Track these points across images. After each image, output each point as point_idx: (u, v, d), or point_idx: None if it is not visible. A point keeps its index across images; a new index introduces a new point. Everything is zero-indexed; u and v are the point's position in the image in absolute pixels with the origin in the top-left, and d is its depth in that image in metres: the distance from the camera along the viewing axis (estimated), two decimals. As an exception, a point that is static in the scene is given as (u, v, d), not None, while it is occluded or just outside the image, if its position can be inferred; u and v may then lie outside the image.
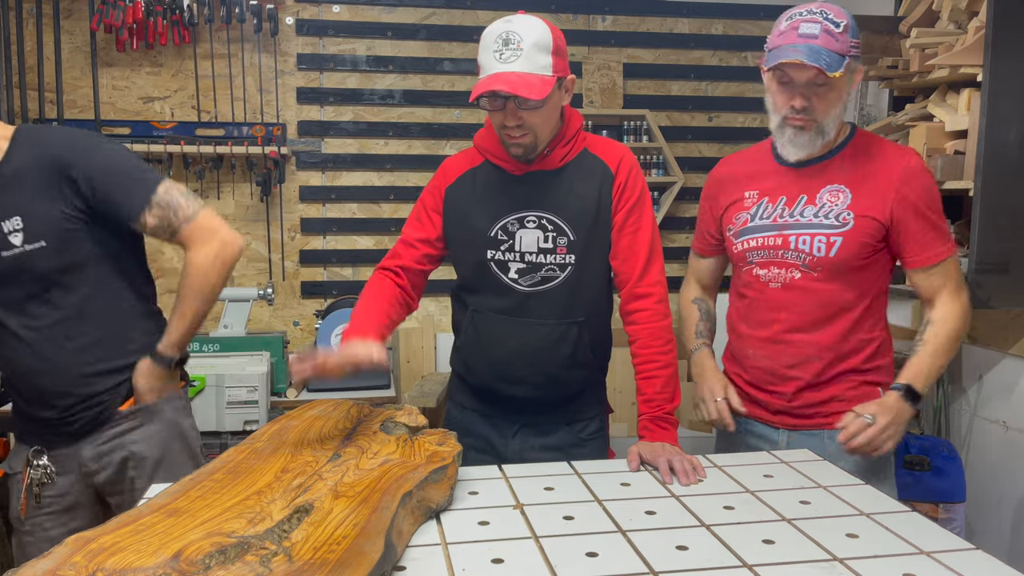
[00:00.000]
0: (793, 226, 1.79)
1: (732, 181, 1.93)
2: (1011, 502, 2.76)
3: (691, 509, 1.41)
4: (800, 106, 1.70)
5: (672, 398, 1.74)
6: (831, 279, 1.77)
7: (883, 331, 1.85)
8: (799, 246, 1.78)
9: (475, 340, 1.84)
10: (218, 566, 1.02)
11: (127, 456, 1.80)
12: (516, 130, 1.67)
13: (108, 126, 3.45)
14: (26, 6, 3.32)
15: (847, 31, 1.67)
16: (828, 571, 1.18)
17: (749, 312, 1.89)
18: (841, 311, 1.79)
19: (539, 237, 1.75)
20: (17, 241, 1.67)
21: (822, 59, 1.63)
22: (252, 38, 3.54)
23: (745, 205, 1.88)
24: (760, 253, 1.84)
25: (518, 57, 1.61)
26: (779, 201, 1.83)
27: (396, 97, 3.70)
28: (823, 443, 1.80)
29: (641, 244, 1.78)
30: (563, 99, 1.73)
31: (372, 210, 3.74)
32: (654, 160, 3.79)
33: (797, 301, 1.80)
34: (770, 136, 1.85)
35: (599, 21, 3.83)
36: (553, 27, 1.68)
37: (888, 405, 1.69)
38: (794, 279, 1.80)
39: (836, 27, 1.66)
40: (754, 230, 1.85)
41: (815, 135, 1.74)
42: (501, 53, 1.62)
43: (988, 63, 2.35)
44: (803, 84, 1.69)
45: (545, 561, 1.20)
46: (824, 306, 1.79)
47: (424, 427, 1.64)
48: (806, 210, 1.78)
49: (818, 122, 1.72)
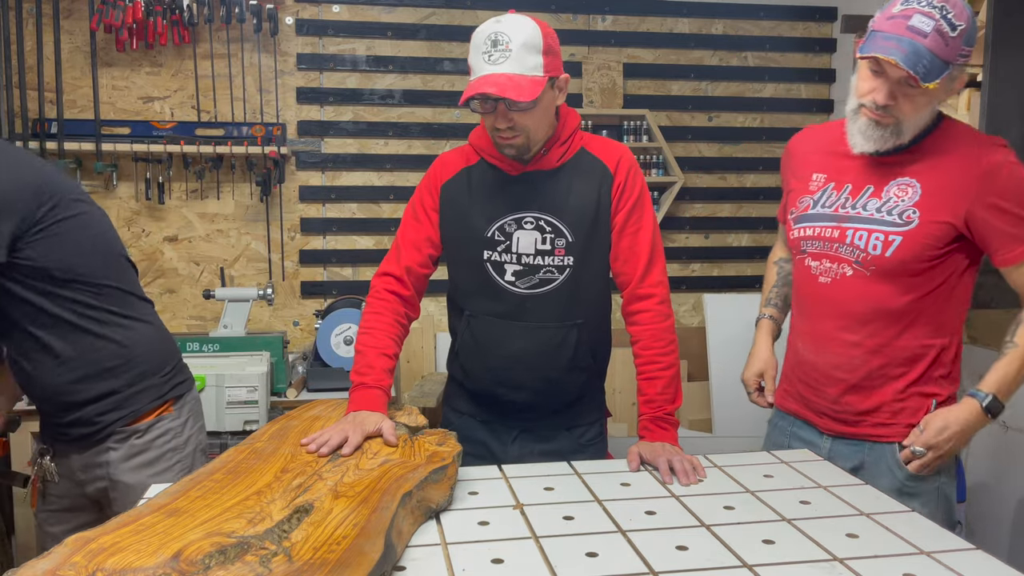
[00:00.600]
0: (853, 219, 1.67)
1: (803, 159, 1.82)
2: (1011, 502, 2.76)
3: (691, 509, 1.41)
4: (883, 103, 1.56)
5: (673, 399, 1.74)
6: (885, 280, 1.65)
7: (948, 338, 1.70)
8: (855, 241, 1.66)
9: (472, 345, 1.83)
10: (218, 566, 1.01)
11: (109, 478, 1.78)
12: (508, 132, 1.66)
13: (108, 126, 3.45)
14: (26, 6, 3.32)
15: (962, 36, 1.50)
16: (828, 571, 1.18)
17: (800, 305, 1.83)
18: (894, 314, 1.66)
19: (537, 239, 1.74)
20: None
21: (921, 65, 1.48)
22: (252, 38, 3.54)
23: (811, 188, 1.77)
24: (815, 244, 1.73)
25: (507, 58, 1.59)
26: (844, 189, 1.71)
27: (396, 97, 3.70)
28: (864, 455, 1.73)
29: (642, 245, 1.77)
30: (556, 99, 1.71)
31: (372, 210, 3.74)
32: (654, 160, 3.79)
33: (846, 299, 1.69)
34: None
35: (599, 21, 3.83)
36: (544, 25, 1.65)
37: (957, 419, 1.63)
38: (845, 275, 1.69)
39: (952, 30, 1.49)
40: (813, 218, 1.74)
41: (891, 134, 1.61)
42: (490, 54, 1.61)
43: (988, 63, 2.36)
44: (894, 81, 1.54)
45: (545, 561, 1.20)
46: (874, 307, 1.67)
47: (424, 427, 1.64)
48: (870, 203, 1.66)
49: (899, 121, 1.59)
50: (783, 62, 3.94)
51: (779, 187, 1.93)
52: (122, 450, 1.77)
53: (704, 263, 3.97)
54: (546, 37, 1.64)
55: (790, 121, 3.95)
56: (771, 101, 3.95)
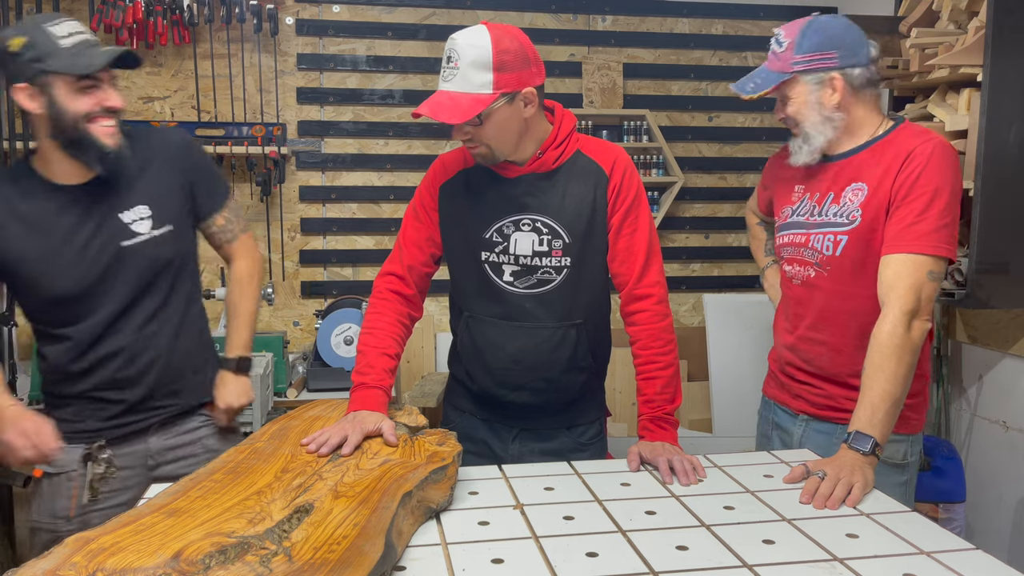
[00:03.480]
0: (816, 225, 1.81)
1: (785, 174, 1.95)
2: (1011, 502, 2.76)
3: (691, 509, 1.41)
4: (779, 117, 1.86)
5: (673, 399, 1.74)
6: (840, 278, 1.77)
7: None
8: (814, 244, 1.81)
9: (472, 346, 1.83)
10: (218, 566, 1.02)
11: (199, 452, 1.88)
12: (469, 143, 1.68)
13: (108, 126, 3.45)
14: (26, 6, 3.32)
15: (792, 48, 1.75)
16: (828, 571, 1.18)
17: (781, 305, 1.96)
18: (854, 311, 1.76)
19: (534, 240, 1.74)
20: (144, 228, 1.77)
21: (749, 84, 1.82)
22: (252, 38, 3.54)
23: (792, 199, 1.91)
24: (789, 250, 1.89)
25: (454, 76, 1.61)
26: (814, 198, 1.84)
27: (396, 97, 3.70)
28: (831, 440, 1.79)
29: (639, 245, 1.77)
30: (522, 112, 1.66)
31: (372, 210, 3.74)
32: (654, 160, 3.79)
33: (811, 299, 1.83)
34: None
35: (599, 21, 3.83)
36: (502, 40, 1.60)
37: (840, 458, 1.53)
38: (809, 277, 1.83)
39: (780, 46, 1.79)
40: (789, 226, 1.89)
41: (802, 141, 1.82)
42: (444, 70, 1.64)
43: (988, 63, 2.35)
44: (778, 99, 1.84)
45: (545, 561, 1.20)
46: (833, 305, 1.78)
47: (424, 427, 1.64)
48: (831, 208, 1.79)
49: (802, 128, 1.80)
50: (783, 62, 3.94)
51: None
52: (207, 421, 1.92)
53: (704, 263, 3.97)
54: (500, 54, 1.58)
55: (790, 121, 3.95)
56: (771, 101, 3.89)
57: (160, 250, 1.79)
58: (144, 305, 1.80)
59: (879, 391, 1.56)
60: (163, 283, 1.82)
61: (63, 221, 1.73)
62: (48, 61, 1.62)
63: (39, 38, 1.62)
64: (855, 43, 1.74)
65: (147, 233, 1.78)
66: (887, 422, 1.56)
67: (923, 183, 1.64)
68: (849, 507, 1.42)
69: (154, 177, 1.80)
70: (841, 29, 1.75)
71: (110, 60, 1.66)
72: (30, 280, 1.74)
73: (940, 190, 1.64)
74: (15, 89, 1.65)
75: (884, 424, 1.55)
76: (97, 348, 1.77)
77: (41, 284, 1.73)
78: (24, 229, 1.72)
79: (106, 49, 1.68)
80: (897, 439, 1.76)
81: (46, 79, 1.63)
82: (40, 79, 1.63)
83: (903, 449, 1.80)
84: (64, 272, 1.73)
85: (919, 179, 1.65)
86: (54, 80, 1.63)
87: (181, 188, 1.84)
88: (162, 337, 1.82)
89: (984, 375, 2.90)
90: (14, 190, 1.73)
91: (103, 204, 1.75)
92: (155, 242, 1.78)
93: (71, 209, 1.73)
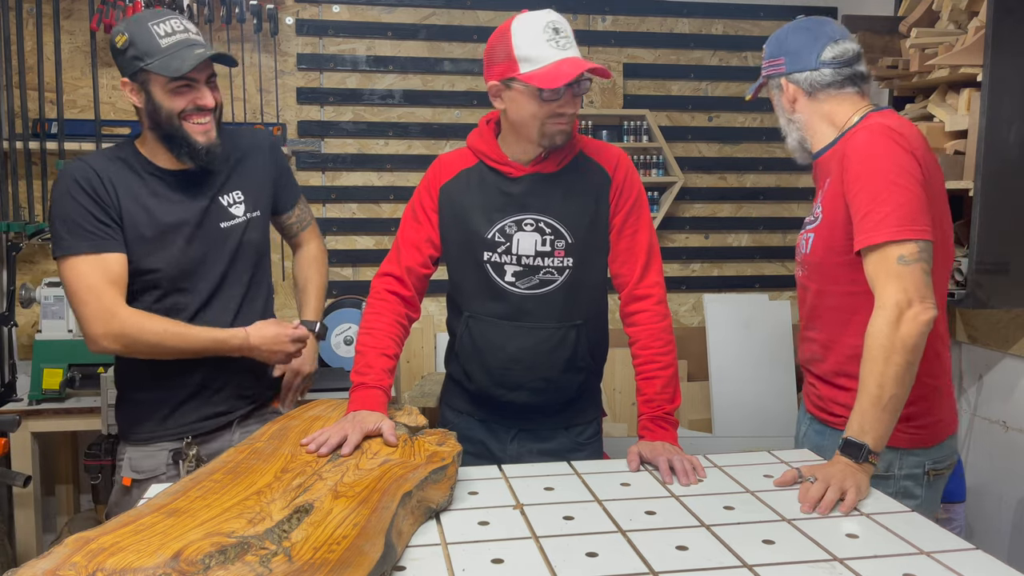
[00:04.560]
0: (805, 224, 1.82)
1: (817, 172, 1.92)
2: (1011, 502, 2.76)
3: (691, 509, 1.41)
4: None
5: (672, 398, 1.74)
6: (817, 276, 1.76)
7: None
8: (799, 244, 1.82)
9: (471, 345, 1.83)
10: (218, 566, 1.02)
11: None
12: (569, 117, 1.68)
13: (108, 126, 3.45)
14: (26, 6, 3.31)
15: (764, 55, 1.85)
16: (828, 571, 1.18)
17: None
18: (835, 307, 1.73)
19: (537, 240, 1.75)
20: (239, 212, 1.89)
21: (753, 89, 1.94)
22: (252, 38, 3.53)
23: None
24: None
25: (572, 45, 1.64)
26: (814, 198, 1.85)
27: (396, 97, 3.69)
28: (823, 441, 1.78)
29: (640, 246, 1.78)
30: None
31: (372, 210, 3.74)
32: (654, 160, 3.79)
33: (804, 298, 1.83)
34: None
35: (599, 21, 3.83)
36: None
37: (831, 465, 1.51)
38: (800, 276, 1.84)
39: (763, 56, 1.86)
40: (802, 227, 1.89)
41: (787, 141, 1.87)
42: (556, 41, 1.63)
43: (988, 63, 2.35)
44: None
45: (545, 561, 1.20)
46: (818, 303, 1.77)
47: (424, 427, 1.64)
48: (816, 207, 1.77)
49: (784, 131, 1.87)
50: (783, 62, 3.94)
51: (779, 187, 1.97)
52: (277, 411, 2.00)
53: (704, 263, 3.96)
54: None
55: (790, 121, 3.95)
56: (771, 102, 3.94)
57: (250, 234, 1.91)
58: (232, 292, 1.88)
59: (866, 395, 1.49)
60: (248, 268, 1.92)
61: (170, 200, 1.81)
62: (146, 60, 1.70)
63: (140, 36, 1.70)
64: (800, 48, 1.75)
65: (242, 216, 1.89)
66: (879, 428, 1.48)
67: (859, 172, 1.58)
68: (843, 512, 1.39)
69: (247, 168, 1.93)
70: (787, 35, 1.79)
71: (200, 62, 1.72)
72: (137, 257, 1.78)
73: (876, 174, 1.56)
74: (121, 83, 1.76)
75: (876, 430, 1.48)
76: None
77: (146, 262, 1.79)
78: (137, 207, 1.78)
79: (200, 51, 1.72)
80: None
81: (145, 76, 1.71)
82: (140, 76, 1.72)
83: (885, 459, 1.66)
84: (169, 250, 1.80)
85: (856, 170, 1.59)
86: (151, 78, 1.71)
87: (268, 182, 1.97)
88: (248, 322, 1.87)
89: (984, 375, 2.89)
90: (126, 171, 1.80)
91: (204, 186, 1.85)
92: (248, 225, 1.90)
93: (177, 190, 1.82)
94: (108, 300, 1.72)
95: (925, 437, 1.71)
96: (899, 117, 1.70)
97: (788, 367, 3.63)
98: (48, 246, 3.33)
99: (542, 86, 1.61)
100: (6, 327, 2.79)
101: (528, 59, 1.62)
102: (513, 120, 1.71)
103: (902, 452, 1.70)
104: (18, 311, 2.96)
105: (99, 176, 1.75)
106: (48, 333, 2.85)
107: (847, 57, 1.73)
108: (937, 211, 1.64)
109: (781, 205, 3.97)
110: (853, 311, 1.67)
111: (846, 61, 1.73)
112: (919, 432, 1.70)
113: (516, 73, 1.63)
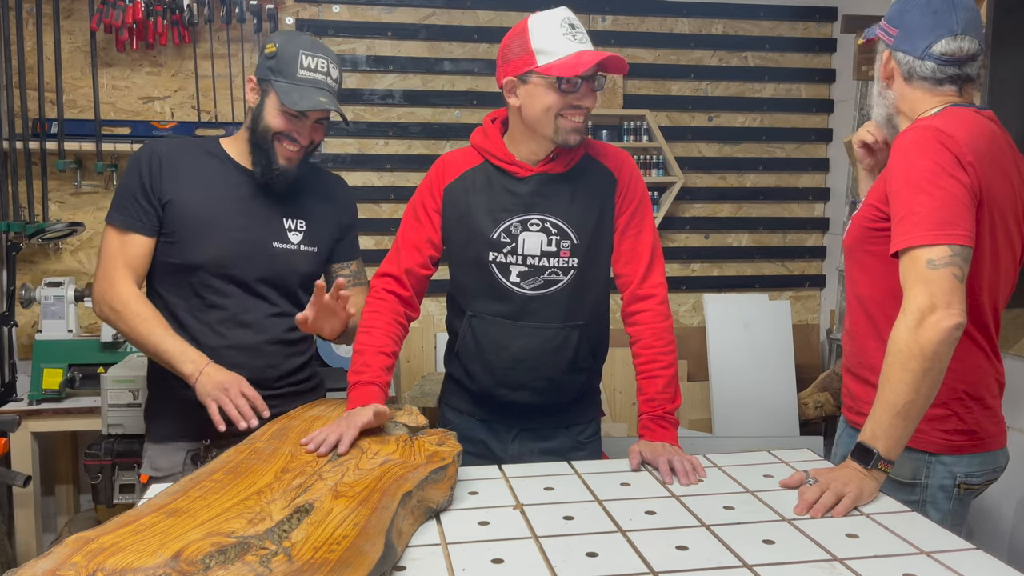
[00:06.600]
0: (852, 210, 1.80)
1: None
2: (1011, 502, 2.76)
3: (691, 509, 1.41)
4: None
5: (673, 398, 1.75)
6: (852, 264, 1.73)
7: None
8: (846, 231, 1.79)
9: (474, 345, 1.83)
10: (218, 566, 1.02)
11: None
12: (588, 112, 1.71)
13: (108, 126, 3.45)
14: (26, 6, 3.31)
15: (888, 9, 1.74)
16: (828, 571, 1.18)
17: None
18: (860, 297, 1.70)
19: (542, 240, 1.75)
20: (296, 240, 1.92)
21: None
22: (252, 38, 3.53)
23: None
24: None
25: (588, 40, 1.67)
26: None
27: (396, 97, 3.69)
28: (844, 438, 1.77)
29: (643, 247, 1.79)
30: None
31: (372, 210, 3.74)
32: (654, 160, 3.79)
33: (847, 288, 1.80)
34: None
35: (599, 21, 3.83)
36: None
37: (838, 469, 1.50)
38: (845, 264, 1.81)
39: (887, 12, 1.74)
40: None
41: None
42: (573, 35, 1.65)
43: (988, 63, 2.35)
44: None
45: (545, 561, 1.20)
46: (849, 292, 1.76)
47: (424, 427, 1.64)
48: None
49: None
50: (783, 62, 3.94)
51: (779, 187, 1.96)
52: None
53: (704, 263, 3.96)
54: None
55: (790, 121, 3.95)
56: (771, 101, 3.94)
57: (301, 265, 1.93)
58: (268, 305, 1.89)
59: (883, 401, 1.45)
60: (292, 294, 1.93)
61: (235, 197, 1.87)
62: (277, 78, 1.79)
63: (286, 56, 1.79)
64: (915, 30, 1.62)
65: (296, 245, 1.92)
66: (893, 434, 1.44)
67: (899, 173, 1.54)
68: (836, 516, 1.38)
69: (318, 204, 1.97)
70: (911, 8, 1.63)
71: (310, 110, 1.78)
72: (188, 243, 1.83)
73: (914, 175, 1.50)
74: (249, 78, 1.85)
75: (890, 436, 1.43)
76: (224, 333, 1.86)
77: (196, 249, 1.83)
78: (200, 192, 1.84)
79: (323, 100, 1.78)
80: (907, 454, 1.57)
81: (268, 87, 1.80)
82: (265, 84, 1.81)
83: (912, 467, 1.62)
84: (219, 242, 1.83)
85: (897, 170, 1.54)
86: (272, 93, 1.79)
87: (334, 226, 2.00)
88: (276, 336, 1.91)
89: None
90: (202, 157, 1.88)
91: (272, 200, 1.89)
92: (301, 256, 1.92)
93: (245, 189, 1.88)
94: (116, 272, 1.81)
95: (963, 444, 1.62)
96: (963, 118, 1.57)
97: (788, 367, 3.63)
98: (48, 246, 3.34)
99: (561, 74, 1.63)
100: (6, 327, 2.79)
101: (545, 51, 1.64)
102: (527, 116, 1.71)
103: (931, 458, 1.62)
104: (18, 311, 2.96)
105: (161, 162, 1.83)
106: (48, 333, 2.85)
107: (958, 57, 1.60)
108: (998, 221, 1.57)
109: (781, 205, 3.97)
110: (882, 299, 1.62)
111: (955, 60, 1.60)
112: (954, 437, 1.62)
113: (534, 65, 1.65)
